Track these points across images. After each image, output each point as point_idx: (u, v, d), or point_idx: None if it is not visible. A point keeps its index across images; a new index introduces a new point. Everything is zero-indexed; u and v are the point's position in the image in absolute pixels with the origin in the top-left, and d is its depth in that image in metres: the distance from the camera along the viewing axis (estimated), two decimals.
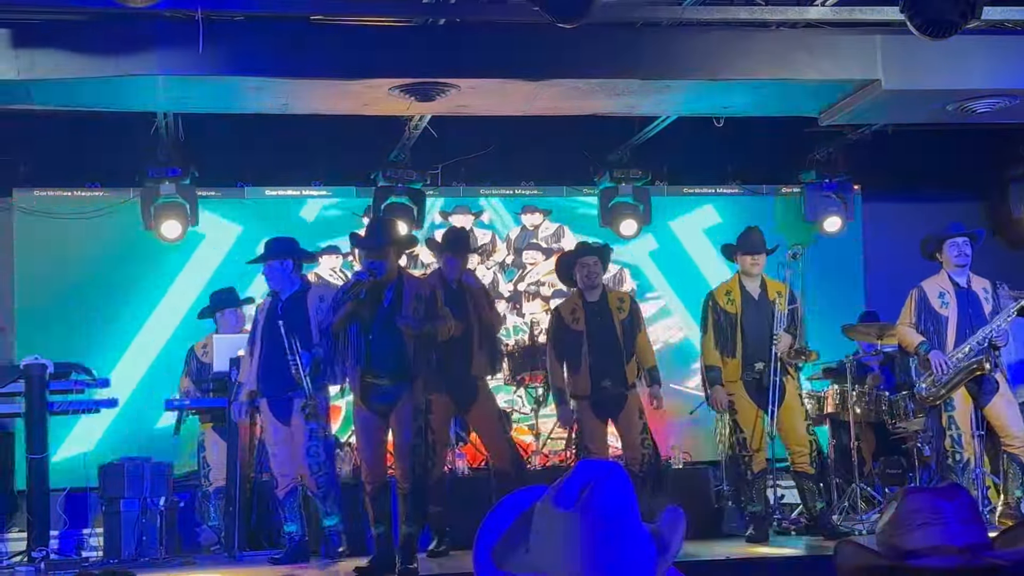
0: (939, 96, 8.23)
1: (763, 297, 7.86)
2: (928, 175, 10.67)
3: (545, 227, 10.57)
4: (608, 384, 7.76)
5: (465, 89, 7.79)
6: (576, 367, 7.80)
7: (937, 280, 7.89)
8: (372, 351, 6.83)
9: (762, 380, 7.72)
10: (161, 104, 8.34)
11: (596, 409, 7.80)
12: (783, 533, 8.14)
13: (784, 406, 7.72)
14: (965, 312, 7.77)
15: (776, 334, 7.72)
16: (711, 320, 7.87)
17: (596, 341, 7.78)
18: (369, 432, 6.96)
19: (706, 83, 7.99)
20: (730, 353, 7.80)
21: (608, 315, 7.87)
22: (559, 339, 7.89)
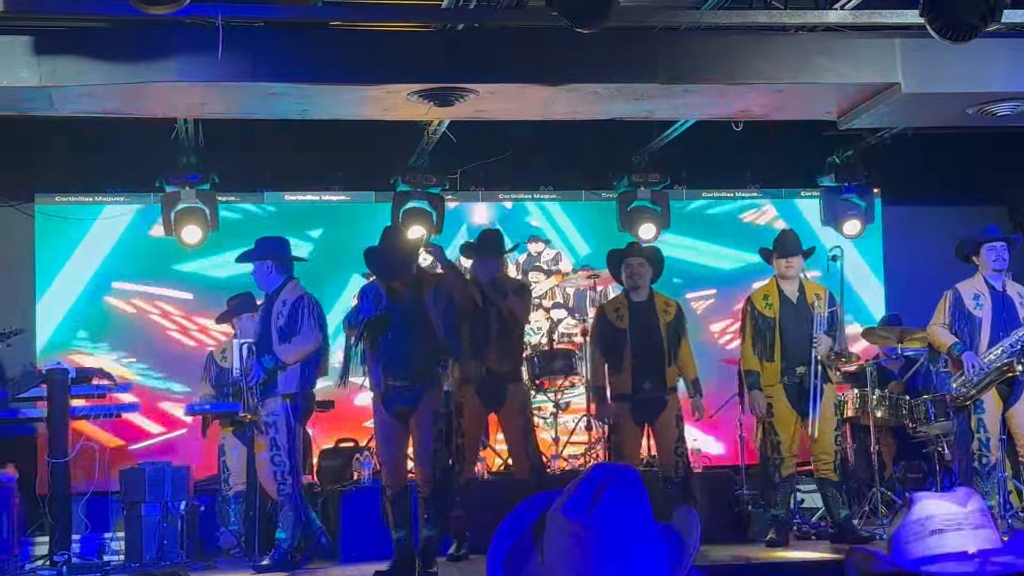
0: (959, 99, 8.20)
1: (801, 300, 7.86)
2: (948, 179, 10.64)
3: (546, 253, 10.77)
4: (649, 386, 7.77)
5: (484, 94, 7.79)
6: (619, 366, 7.81)
7: (972, 283, 7.88)
8: (389, 353, 6.85)
9: (803, 384, 7.72)
10: (181, 110, 8.37)
11: (635, 413, 7.80)
12: (803, 538, 8.12)
13: (820, 410, 7.72)
14: (1000, 315, 7.75)
15: (815, 337, 7.71)
16: (750, 325, 7.88)
17: (639, 341, 7.80)
18: (389, 436, 6.98)
19: (725, 87, 7.97)
20: (768, 357, 7.80)
21: (653, 316, 7.88)
22: (603, 336, 7.91)
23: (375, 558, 7.32)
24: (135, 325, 9.92)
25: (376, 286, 7.20)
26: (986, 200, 10.89)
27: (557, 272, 10.70)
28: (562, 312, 10.65)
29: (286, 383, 7.28)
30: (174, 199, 9.54)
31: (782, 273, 7.91)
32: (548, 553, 1.97)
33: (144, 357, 9.90)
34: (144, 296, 9.97)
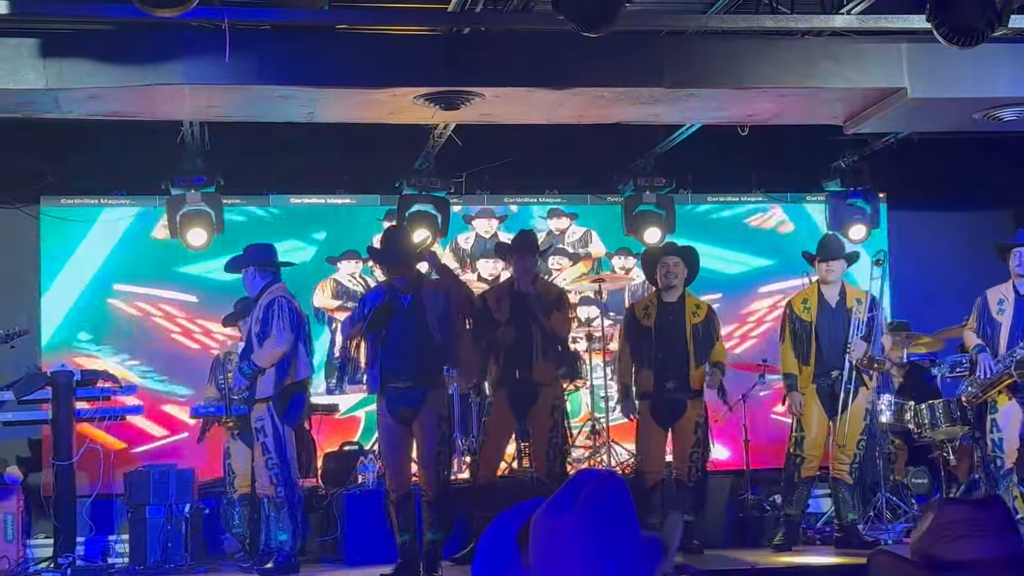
0: (965, 104, 8.19)
1: (840, 305, 7.88)
2: (954, 184, 10.62)
3: (572, 232, 10.54)
4: (671, 386, 7.78)
5: (490, 98, 7.80)
6: (644, 365, 7.85)
7: (1002, 287, 7.96)
8: (389, 354, 6.85)
9: (835, 387, 7.74)
10: (187, 113, 8.37)
11: (656, 413, 7.80)
12: (808, 543, 8.11)
13: (849, 413, 7.73)
14: (1020, 320, 7.79)
15: (851, 342, 7.72)
16: (788, 329, 7.94)
17: (664, 340, 7.82)
18: (393, 440, 6.97)
19: (731, 91, 7.97)
20: (804, 360, 7.85)
21: (681, 317, 7.89)
22: (632, 335, 7.95)
23: (379, 561, 7.31)
24: (138, 327, 9.92)
25: (379, 290, 7.21)
26: (992, 205, 10.88)
27: (587, 257, 10.41)
28: (591, 310, 10.09)
29: (263, 388, 7.33)
30: (179, 201, 9.53)
31: (823, 277, 7.96)
32: (532, 556, 1.98)
33: (147, 360, 9.89)
34: (147, 298, 9.96)
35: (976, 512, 2.20)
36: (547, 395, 7.60)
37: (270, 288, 7.42)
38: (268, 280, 7.45)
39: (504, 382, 7.55)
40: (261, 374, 7.29)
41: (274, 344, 7.26)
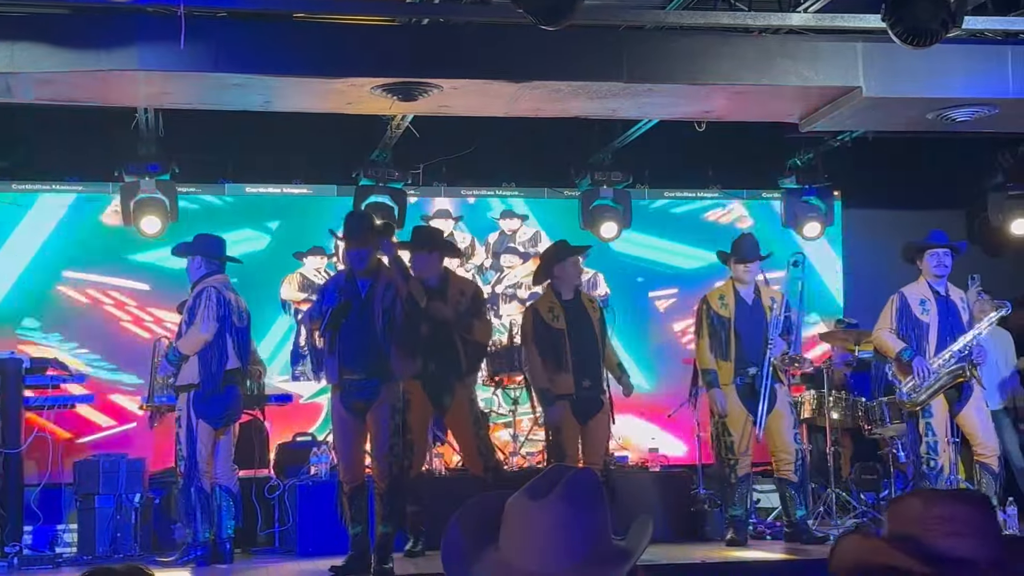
0: (919, 104, 8.27)
1: (757, 303, 7.93)
2: (908, 183, 10.72)
3: (523, 232, 10.59)
4: (588, 384, 7.77)
5: (448, 89, 7.78)
6: (559, 366, 7.76)
7: (917, 287, 7.95)
8: (344, 346, 6.83)
9: (754, 385, 7.77)
10: (142, 100, 8.30)
11: (575, 411, 7.79)
12: (758, 537, 8.17)
13: (774, 412, 7.78)
14: (945, 320, 7.84)
15: (770, 340, 7.77)
16: (705, 324, 7.94)
17: (578, 340, 7.78)
18: (346, 431, 6.95)
19: (688, 87, 8.00)
20: (723, 356, 7.86)
21: (586, 314, 7.88)
22: (540, 337, 7.82)
23: (331, 553, 7.30)
24: (87, 315, 9.79)
25: (336, 281, 7.18)
26: (946, 204, 10.98)
27: (537, 255, 10.40)
28: None
29: (185, 375, 7.35)
30: (133, 189, 9.45)
31: (739, 277, 7.97)
32: (504, 539, 1.99)
33: (96, 348, 9.74)
34: (98, 285, 9.84)
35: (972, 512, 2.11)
36: (463, 391, 7.56)
37: (207, 279, 7.41)
38: (209, 271, 7.45)
39: (418, 375, 7.35)
40: (185, 361, 7.29)
41: (196, 331, 7.29)
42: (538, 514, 1.96)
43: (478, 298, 7.80)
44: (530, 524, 1.97)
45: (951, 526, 2.06)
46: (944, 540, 2.05)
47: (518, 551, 1.97)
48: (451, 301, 7.49)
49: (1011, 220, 10.67)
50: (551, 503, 1.96)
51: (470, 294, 7.70)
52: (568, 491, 1.97)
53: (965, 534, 2.05)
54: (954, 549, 2.04)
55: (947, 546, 2.04)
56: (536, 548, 1.96)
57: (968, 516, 2.08)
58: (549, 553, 1.95)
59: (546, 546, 1.95)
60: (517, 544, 1.98)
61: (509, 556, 1.98)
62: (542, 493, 1.98)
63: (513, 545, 1.98)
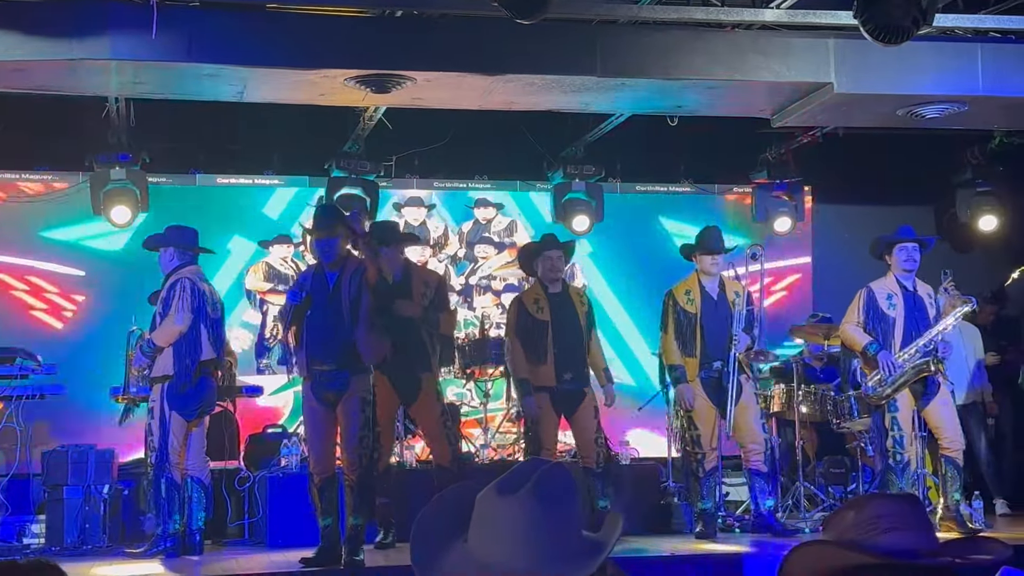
0: (889, 101, 8.33)
1: (722, 297, 7.96)
2: (877, 178, 10.79)
3: (498, 221, 10.58)
4: (570, 377, 7.78)
5: (421, 82, 7.78)
6: (540, 358, 7.77)
7: (885, 282, 8.00)
8: (312, 337, 6.83)
9: (720, 379, 7.81)
10: (114, 89, 8.26)
11: (555, 403, 7.81)
12: (727, 530, 8.21)
13: (740, 405, 7.82)
14: (912, 315, 7.89)
15: (735, 334, 7.81)
16: (671, 319, 7.96)
17: (561, 332, 7.80)
18: (317, 423, 6.94)
19: (661, 82, 8.03)
20: (689, 352, 7.90)
21: (571, 307, 7.90)
22: (523, 328, 7.83)
23: (301, 544, 7.29)
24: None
25: (305, 276, 7.17)
26: (914, 200, 11.07)
27: (512, 245, 10.39)
28: None
29: (159, 366, 7.32)
30: (103, 178, 9.40)
31: (705, 269, 8.00)
32: (475, 535, 2.00)
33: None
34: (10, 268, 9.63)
35: (902, 507, 2.22)
36: (427, 390, 7.53)
37: (180, 270, 7.40)
38: (183, 262, 7.43)
39: (383, 368, 7.32)
40: (159, 353, 7.27)
41: (170, 323, 7.27)
42: (507, 510, 1.97)
43: (442, 289, 7.77)
44: (499, 519, 1.97)
45: (886, 522, 2.16)
46: (883, 537, 2.15)
47: (487, 546, 1.98)
48: (415, 295, 7.48)
49: (979, 216, 10.76)
50: (521, 499, 1.96)
51: (434, 286, 7.68)
52: (539, 487, 1.97)
53: (900, 528, 2.16)
54: (893, 543, 2.14)
55: (886, 541, 2.14)
56: (505, 544, 1.96)
57: (899, 511, 2.18)
58: (518, 549, 1.95)
59: (515, 542, 1.96)
60: (486, 539, 1.98)
61: (478, 550, 1.99)
62: (512, 489, 1.98)
63: (482, 539, 1.99)
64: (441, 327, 7.58)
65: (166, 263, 7.49)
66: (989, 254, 10.99)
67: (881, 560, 2.15)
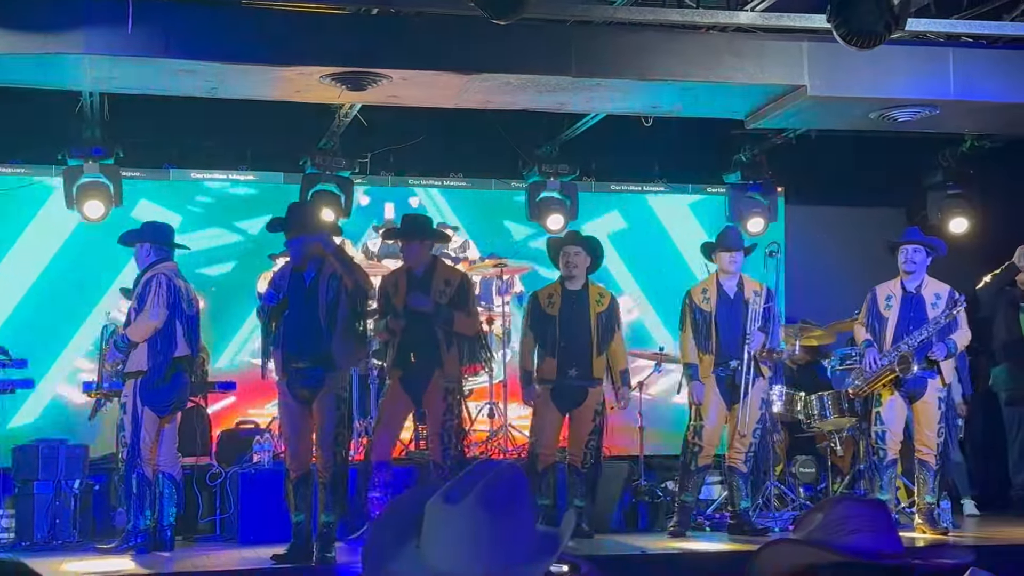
0: (862, 104, 8.40)
1: (739, 296, 8.03)
2: (850, 180, 10.86)
3: (454, 241, 10.66)
4: (574, 373, 7.83)
5: (396, 80, 7.79)
6: (547, 352, 7.86)
7: (890, 283, 8.16)
8: (288, 334, 6.84)
9: (735, 378, 7.88)
10: (87, 84, 8.23)
11: (556, 399, 7.85)
12: (698, 529, 8.26)
13: (748, 403, 7.89)
14: (906, 315, 8.00)
15: (748, 333, 7.87)
16: (689, 319, 8.05)
17: (569, 329, 7.86)
18: (293, 420, 6.95)
19: (636, 83, 8.06)
20: (704, 349, 7.99)
21: (585, 306, 7.94)
22: (535, 322, 7.95)
23: (272, 541, 7.30)
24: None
25: (281, 273, 7.17)
26: (886, 202, 11.14)
27: (464, 260, 10.70)
28: None
29: (133, 362, 7.30)
30: (76, 173, 9.36)
31: (724, 267, 8.08)
32: (425, 539, 2.03)
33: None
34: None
35: (868, 510, 2.32)
36: (439, 378, 7.52)
37: (156, 265, 7.38)
38: (159, 258, 7.42)
39: (397, 365, 7.52)
40: (133, 348, 7.26)
41: (145, 318, 7.26)
42: (454, 519, 1.99)
43: (464, 288, 7.66)
44: (448, 528, 2.00)
45: (853, 524, 2.26)
46: (848, 537, 2.24)
47: (438, 553, 2.00)
48: (434, 291, 7.47)
49: (950, 219, 10.84)
50: (467, 508, 1.99)
51: (456, 284, 7.62)
52: (484, 495, 2.00)
53: (865, 530, 2.25)
54: (858, 544, 2.23)
55: (852, 542, 2.23)
56: (455, 551, 1.99)
57: (866, 514, 2.28)
58: (468, 556, 1.98)
59: (462, 550, 1.98)
60: (437, 547, 2.01)
61: (430, 557, 2.01)
62: (459, 496, 2.00)
63: (433, 547, 2.01)
64: (456, 325, 7.50)
65: (142, 259, 7.48)
66: (960, 256, 11.04)
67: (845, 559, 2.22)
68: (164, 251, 7.48)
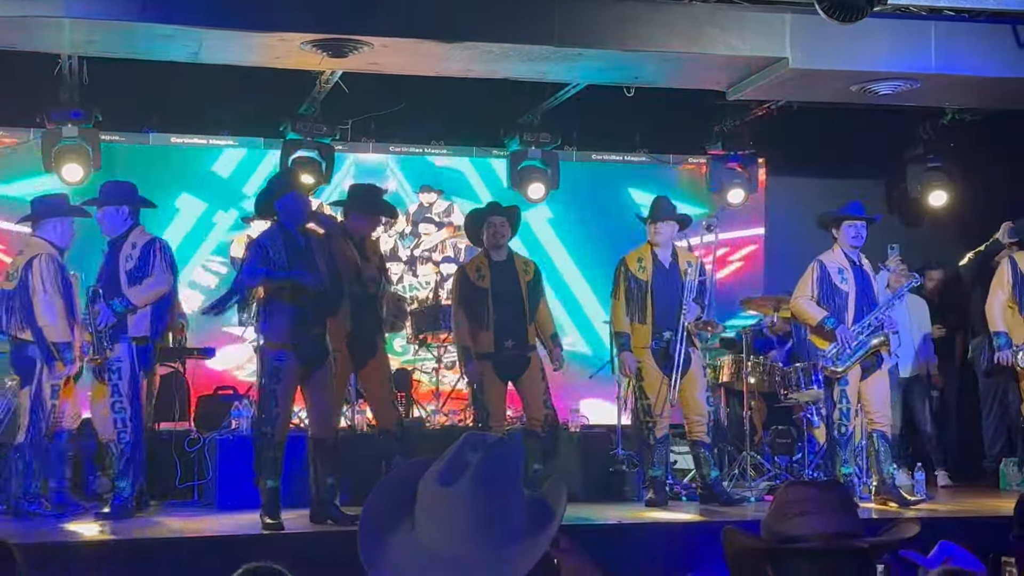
0: (843, 76, 8.41)
1: (674, 266, 8.01)
2: (830, 152, 10.88)
3: (438, 204, 10.73)
4: (511, 344, 7.84)
5: (378, 47, 7.76)
6: (481, 325, 7.85)
7: (834, 256, 8.09)
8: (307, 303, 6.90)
9: (669, 349, 7.89)
10: (67, 47, 8.17)
11: (498, 370, 7.87)
12: (674, 499, 8.31)
13: (688, 376, 7.89)
14: (862, 289, 8.02)
15: (684, 304, 7.88)
16: (623, 286, 8.01)
17: (501, 300, 7.85)
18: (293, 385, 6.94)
19: (618, 53, 8.05)
20: (640, 320, 7.95)
21: (514, 275, 7.95)
22: (465, 296, 7.92)
23: (250, 507, 7.31)
24: None
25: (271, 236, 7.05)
26: (866, 175, 11.17)
27: (449, 224, 10.69)
28: (452, 266, 10.45)
29: (137, 326, 7.24)
30: (55, 135, 9.31)
31: (652, 239, 8.06)
32: (420, 521, 2.03)
33: None
34: None
35: (817, 493, 2.42)
36: (382, 353, 7.54)
37: (137, 228, 7.35)
38: (134, 221, 7.38)
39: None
40: (132, 312, 7.22)
41: (156, 284, 7.23)
42: (450, 501, 2.00)
43: (382, 256, 7.89)
44: (443, 510, 2.00)
45: (799, 507, 2.39)
46: (793, 521, 2.38)
47: (433, 534, 2.01)
48: (371, 260, 7.51)
49: (929, 191, 10.89)
50: (462, 491, 1.99)
51: (379, 252, 7.78)
52: (479, 475, 2.00)
53: (811, 512, 2.37)
54: (801, 526, 2.37)
55: (796, 524, 2.37)
56: (449, 534, 2.00)
57: (810, 497, 2.40)
58: (464, 536, 1.99)
59: (460, 531, 1.99)
60: (432, 528, 2.02)
61: (425, 538, 2.02)
62: (454, 478, 2.01)
63: (428, 528, 2.02)
64: (387, 293, 7.60)
65: (120, 223, 7.35)
66: (938, 229, 11.13)
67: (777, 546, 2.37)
68: (137, 213, 7.43)
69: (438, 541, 2.00)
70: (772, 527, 2.40)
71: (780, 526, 2.38)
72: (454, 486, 2.00)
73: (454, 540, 2.00)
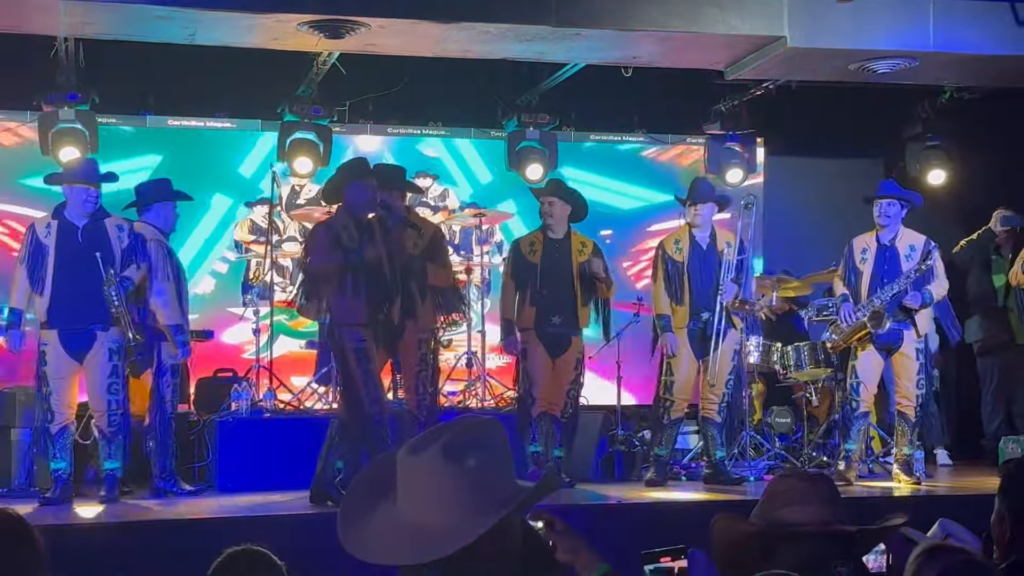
0: (842, 55, 8.39)
1: (711, 247, 8.04)
2: (829, 132, 10.85)
3: (434, 189, 10.71)
4: (557, 320, 7.83)
5: (375, 28, 7.74)
6: (527, 301, 7.87)
7: (866, 236, 8.21)
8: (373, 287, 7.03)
9: (706, 330, 7.91)
10: (63, 29, 8.14)
11: (543, 342, 7.85)
12: (674, 478, 8.34)
13: (720, 354, 7.93)
14: (880, 268, 8.04)
15: (722, 284, 7.90)
16: (661, 269, 8.06)
17: (549, 277, 7.85)
18: (374, 364, 7.06)
19: (616, 33, 8.03)
20: (678, 301, 7.99)
21: (567, 254, 7.92)
22: (516, 270, 7.95)
23: (251, 489, 7.33)
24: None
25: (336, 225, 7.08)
26: (865, 154, 11.16)
27: (444, 209, 10.69)
28: None
29: (172, 315, 7.36)
30: (52, 118, 9.29)
31: (691, 220, 8.09)
32: (401, 494, 2.06)
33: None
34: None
35: (804, 485, 2.58)
36: (412, 330, 7.44)
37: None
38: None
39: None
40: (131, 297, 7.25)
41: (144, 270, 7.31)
42: (416, 469, 2.05)
43: (436, 240, 7.69)
44: (413, 479, 2.05)
45: (786, 497, 2.56)
46: (781, 510, 2.54)
47: (409, 504, 2.06)
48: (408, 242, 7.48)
49: (928, 170, 10.86)
50: (428, 457, 2.04)
51: (428, 236, 7.61)
52: (447, 448, 2.04)
53: (797, 503, 2.53)
54: (787, 515, 2.52)
55: (783, 514, 2.53)
56: (416, 500, 2.05)
57: (799, 488, 2.57)
58: (431, 506, 2.03)
59: (429, 498, 2.04)
60: (408, 498, 2.07)
61: (404, 509, 2.07)
62: (423, 448, 2.06)
63: (406, 499, 2.07)
64: (430, 277, 7.49)
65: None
66: (937, 208, 11.10)
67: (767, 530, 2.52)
68: None
69: (410, 511, 2.05)
70: (763, 516, 2.55)
71: (770, 515, 2.53)
72: (421, 455, 2.05)
73: (424, 508, 2.03)
